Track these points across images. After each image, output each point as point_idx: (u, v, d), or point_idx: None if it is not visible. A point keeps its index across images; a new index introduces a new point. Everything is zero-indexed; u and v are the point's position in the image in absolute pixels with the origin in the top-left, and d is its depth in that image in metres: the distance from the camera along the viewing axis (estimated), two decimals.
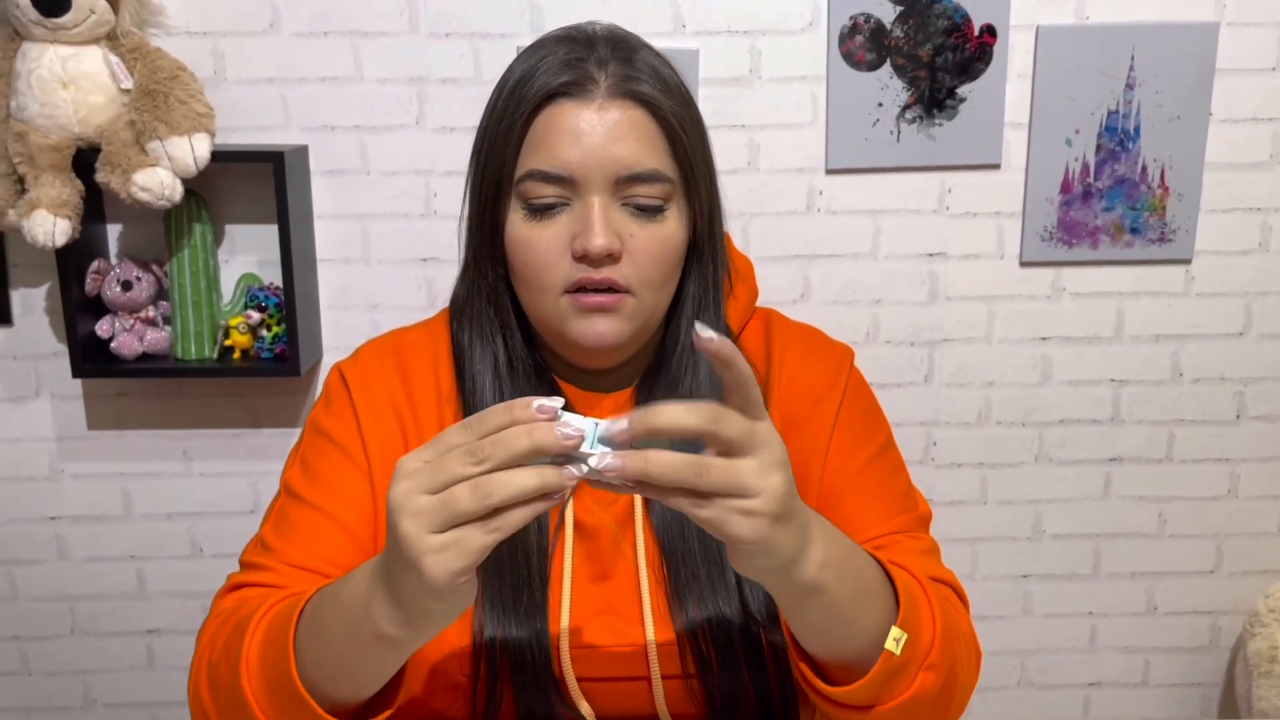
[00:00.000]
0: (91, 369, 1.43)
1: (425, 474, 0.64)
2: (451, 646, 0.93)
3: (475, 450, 0.62)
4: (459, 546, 0.63)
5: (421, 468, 0.65)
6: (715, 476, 0.64)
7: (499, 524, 0.63)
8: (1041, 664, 1.70)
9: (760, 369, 1.03)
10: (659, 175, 0.92)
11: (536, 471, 0.63)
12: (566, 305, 0.92)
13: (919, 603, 0.82)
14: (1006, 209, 1.53)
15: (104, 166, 1.32)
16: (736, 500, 0.65)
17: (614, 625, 0.94)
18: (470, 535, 0.63)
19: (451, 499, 0.62)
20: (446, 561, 0.63)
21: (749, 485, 0.64)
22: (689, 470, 0.64)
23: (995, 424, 1.61)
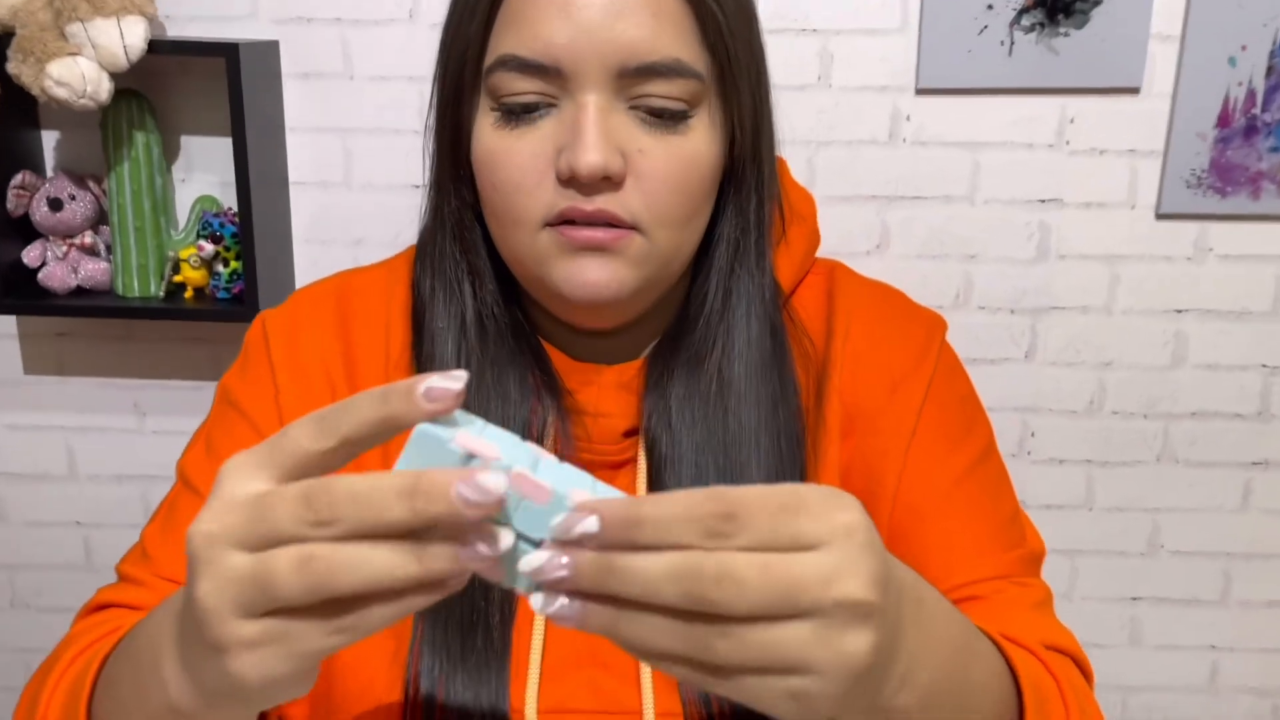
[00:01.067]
0: (13, 304, 1.20)
1: (244, 513, 0.42)
2: (376, 705, 0.70)
3: (313, 500, 0.41)
4: (283, 646, 0.42)
5: (245, 499, 0.42)
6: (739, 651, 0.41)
7: (349, 625, 0.42)
8: (1148, 703, 1.44)
9: (818, 342, 0.79)
10: (681, 67, 0.66)
11: (412, 553, 0.41)
12: (548, 242, 0.68)
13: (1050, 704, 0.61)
14: (1144, 146, 1.25)
15: (15, 54, 1.09)
16: (775, 680, 0.42)
17: (600, 682, 0.71)
18: (302, 633, 0.42)
19: (268, 575, 0.41)
20: (261, 663, 0.42)
21: (798, 661, 0.41)
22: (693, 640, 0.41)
23: (1110, 414, 1.33)
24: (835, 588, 0.41)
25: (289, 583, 0.41)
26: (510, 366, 0.75)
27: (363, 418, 0.43)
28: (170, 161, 1.26)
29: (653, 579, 0.40)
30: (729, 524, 0.41)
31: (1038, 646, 0.65)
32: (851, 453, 0.76)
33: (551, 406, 0.75)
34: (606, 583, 0.41)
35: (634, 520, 0.41)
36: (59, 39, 1.08)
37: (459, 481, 0.40)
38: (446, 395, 0.42)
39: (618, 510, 0.41)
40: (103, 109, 1.13)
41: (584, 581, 0.41)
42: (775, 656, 0.41)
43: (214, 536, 0.42)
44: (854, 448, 0.76)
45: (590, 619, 0.42)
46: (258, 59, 1.17)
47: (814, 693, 0.42)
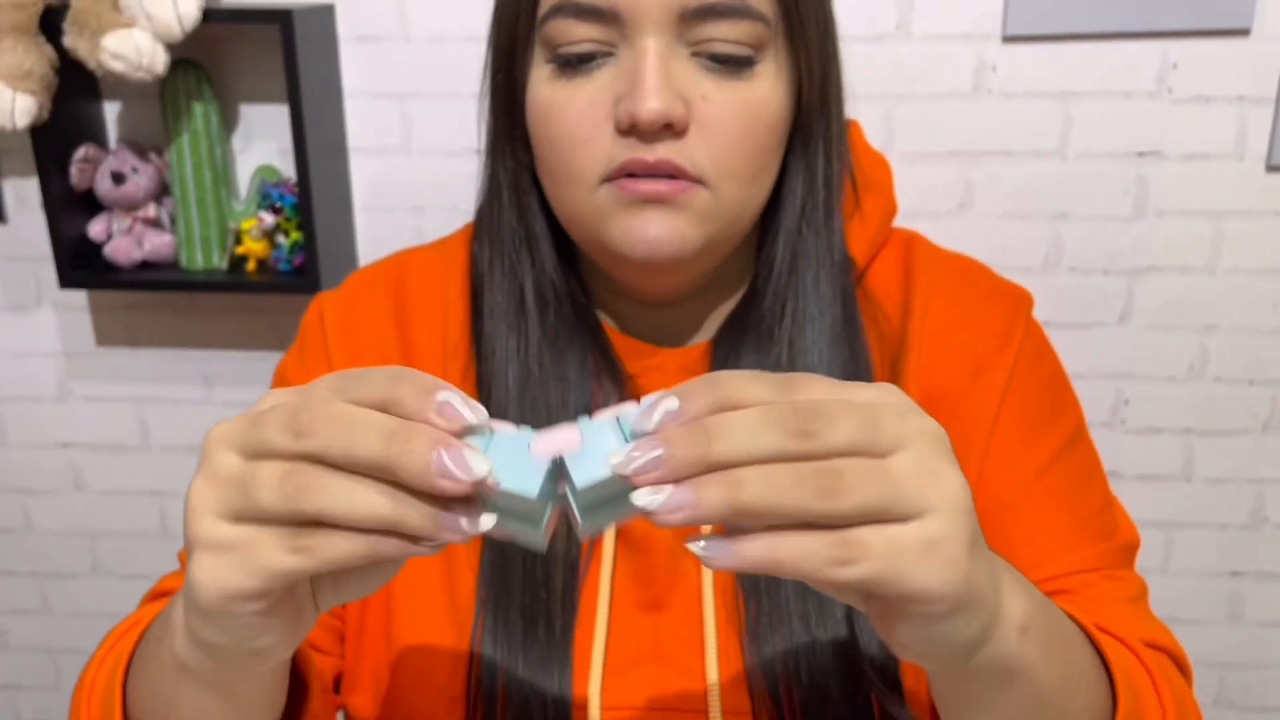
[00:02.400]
0: (81, 278, 1.20)
1: (247, 420, 0.42)
2: (438, 695, 0.69)
3: (299, 412, 0.40)
4: (242, 554, 0.41)
5: (257, 415, 0.42)
6: (859, 487, 0.39)
7: (309, 545, 0.40)
8: (1247, 681, 1.37)
9: (895, 319, 0.75)
10: (747, 9, 0.62)
11: (391, 497, 0.39)
12: (607, 198, 0.65)
13: (1146, 703, 0.56)
14: (1254, 92, 1.15)
15: (71, 28, 1.07)
16: (905, 530, 0.40)
17: (664, 679, 0.68)
18: (264, 545, 0.41)
19: (250, 478, 0.41)
20: (218, 570, 0.41)
21: (916, 495, 0.40)
22: (811, 486, 0.39)
23: (1212, 380, 1.25)
24: (910, 420, 0.41)
25: (268, 489, 0.40)
26: (570, 348, 0.71)
27: (370, 396, 0.41)
28: (229, 131, 1.24)
29: (751, 424, 0.39)
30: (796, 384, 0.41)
31: (1144, 653, 0.60)
32: None
33: (613, 391, 0.71)
34: (710, 446, 0.38)
35: (712, 380, 0.40)
36: (113, 11, 1.06)
37: (442, 447, 0.38)
38: (457, 418, 0.40)
39: (694, 382, 0.40)
40: (160, 80, 1.11)
41: (685, 450, 0.38)
42: (893, 490, 0.39)
43: (219, 437, 0.42)
44: None
45: (705, 494, 0.38)
46: (313, 23, 1.14)
47: (944, 535, 0.40)
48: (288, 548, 0.40)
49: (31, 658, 1.49)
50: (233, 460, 0.41)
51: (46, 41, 1.11)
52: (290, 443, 0.39)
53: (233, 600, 0.41)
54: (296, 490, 0.39)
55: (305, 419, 0.39)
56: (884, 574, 0.39)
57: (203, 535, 0.41)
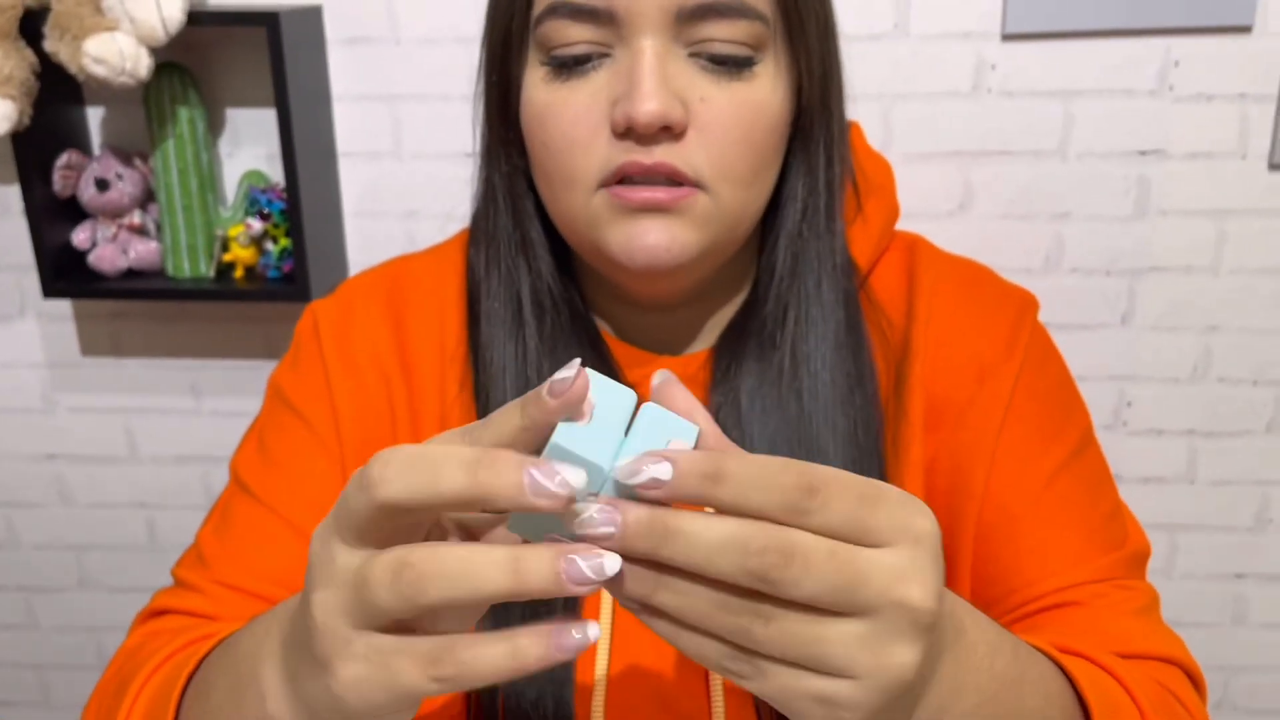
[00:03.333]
0: (65, 287, 1.18)
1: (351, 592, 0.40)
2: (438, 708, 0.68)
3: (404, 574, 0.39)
4: (383, 671, 0.39)
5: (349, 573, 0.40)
6: (780, 641, 0.38)
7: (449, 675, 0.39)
8: (1252, 684, 1.35)
9: (898, 324, 0.73)
10: (745, 8, 0.61)
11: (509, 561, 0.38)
12: (603, 204, 0.63)
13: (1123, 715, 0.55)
14: (1256, 89, 1.13)
15: (52, 31, 1.04)
16: (809, 679, 0.39)
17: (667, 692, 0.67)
18: (401, 666, 0.39)
19: (363, 580, 0.39)
20: (361, 681, 0.40)
21: (843, 663, 0.38)
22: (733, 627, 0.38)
23: (1216, 380, 1.23)
24: (898, 589, 0.38)
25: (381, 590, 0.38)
26: (567, 355, 0.70)
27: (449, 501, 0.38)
28: (215, 135, 1.21)
29: (715, 546, 0.37)
30: (810, 499, 0.37)
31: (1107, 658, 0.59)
32: (936, 448, 0.69)
33: None
34: (659, 547, 0.37)
35: (714, 474, 0.37)
36: (95, 13, 1.03)
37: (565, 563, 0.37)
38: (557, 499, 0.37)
39: (697, 461, 0.37)
40: (144, 85, 1.08)
41: (634, 541, 0.37)
42: (818, 651, 0.38)
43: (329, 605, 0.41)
44: (939, 442, 0.69)
45: (628, 580, 0.38)
46: (300, 26, 1.11)
47: (844, 700, 0.39)
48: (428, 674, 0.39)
49: (17, 673, 1.47)
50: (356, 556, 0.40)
51: (27, 45, 1.08)
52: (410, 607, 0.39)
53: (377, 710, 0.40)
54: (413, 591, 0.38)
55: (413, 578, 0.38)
56: (772, 698, 0.39)
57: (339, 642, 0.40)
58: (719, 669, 0.39)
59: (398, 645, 0.39)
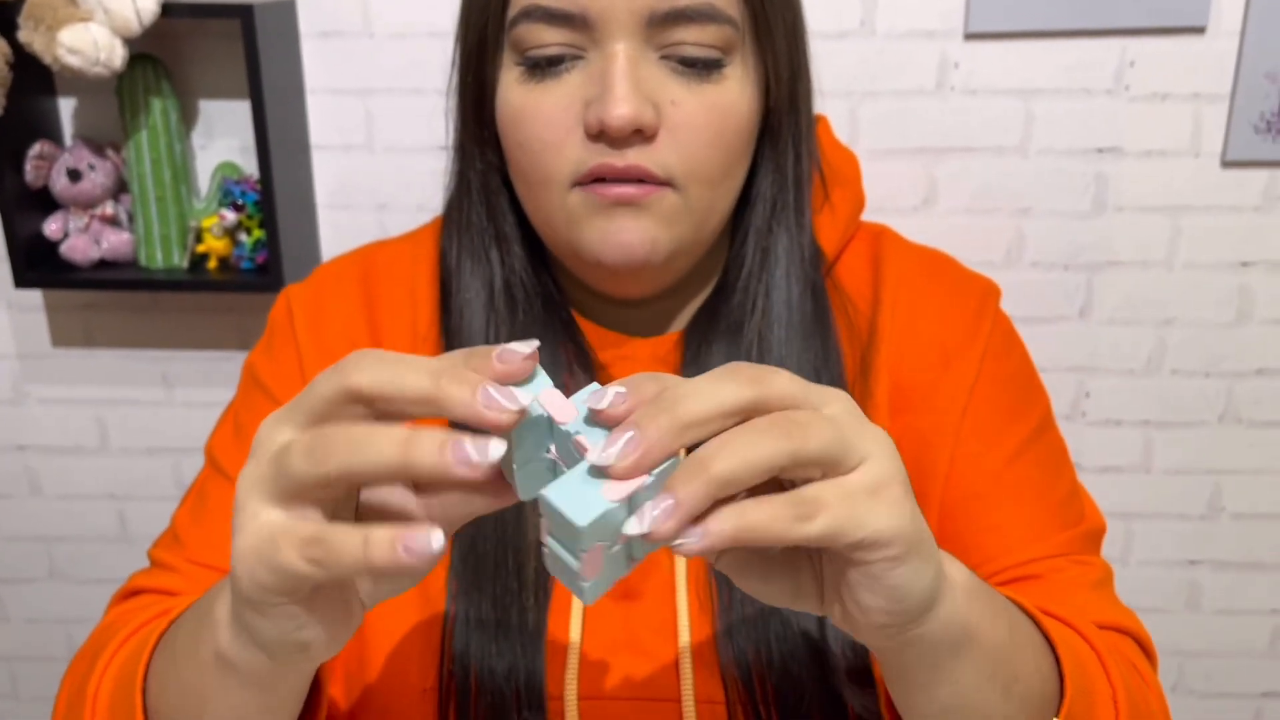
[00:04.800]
0: (37, 277, 1.18)
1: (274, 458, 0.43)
2: (411, 688, 0.69)
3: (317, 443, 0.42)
4: (269, 545, 0.42)
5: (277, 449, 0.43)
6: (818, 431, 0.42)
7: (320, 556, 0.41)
8: (1207, 668, 1.39)
9: (865, 311, 0.75)
10: (714, 13, 0.63)
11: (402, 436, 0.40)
12: (578, 202, 0.65)
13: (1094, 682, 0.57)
14: (1209, 89, 1.16)
15: (26, 22, 1.05)
16: (851, 479, 0.42)
17: (638, 668, 0.68)
18: (283, 543, 0.41)
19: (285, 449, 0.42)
20: (249, 553, 0.42)
21: (855, 439, 0.43)
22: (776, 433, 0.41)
23: (1170, 373, 1.26)
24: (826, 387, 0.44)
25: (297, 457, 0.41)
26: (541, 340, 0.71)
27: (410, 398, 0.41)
28: (189, 127, 1.22)
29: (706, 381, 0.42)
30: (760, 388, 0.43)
31: (1080, 621, 0.61)
32: (902, 430, 0.72)
33: (584, 381, 0.71)
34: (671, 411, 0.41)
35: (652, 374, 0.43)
36: (69, 5, 1.04)
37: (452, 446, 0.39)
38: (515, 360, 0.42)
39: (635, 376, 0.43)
40: (117, 76, 1.09)
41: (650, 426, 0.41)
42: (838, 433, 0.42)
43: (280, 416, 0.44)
44: (905, 425, 0.72)
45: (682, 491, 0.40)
46: (274, 19, 1.12)
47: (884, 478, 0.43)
48: (304, 557, 0.41)
49: None
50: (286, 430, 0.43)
51: (1, 36, 1.08)
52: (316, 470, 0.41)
53: (265, 591, 0.42)
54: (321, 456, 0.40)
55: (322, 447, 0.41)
56: (843, 524, 0.41)
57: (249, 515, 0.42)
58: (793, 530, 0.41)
59: (285, 523, 0.41)
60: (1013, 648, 0.51)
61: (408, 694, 0.68)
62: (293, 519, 0.42)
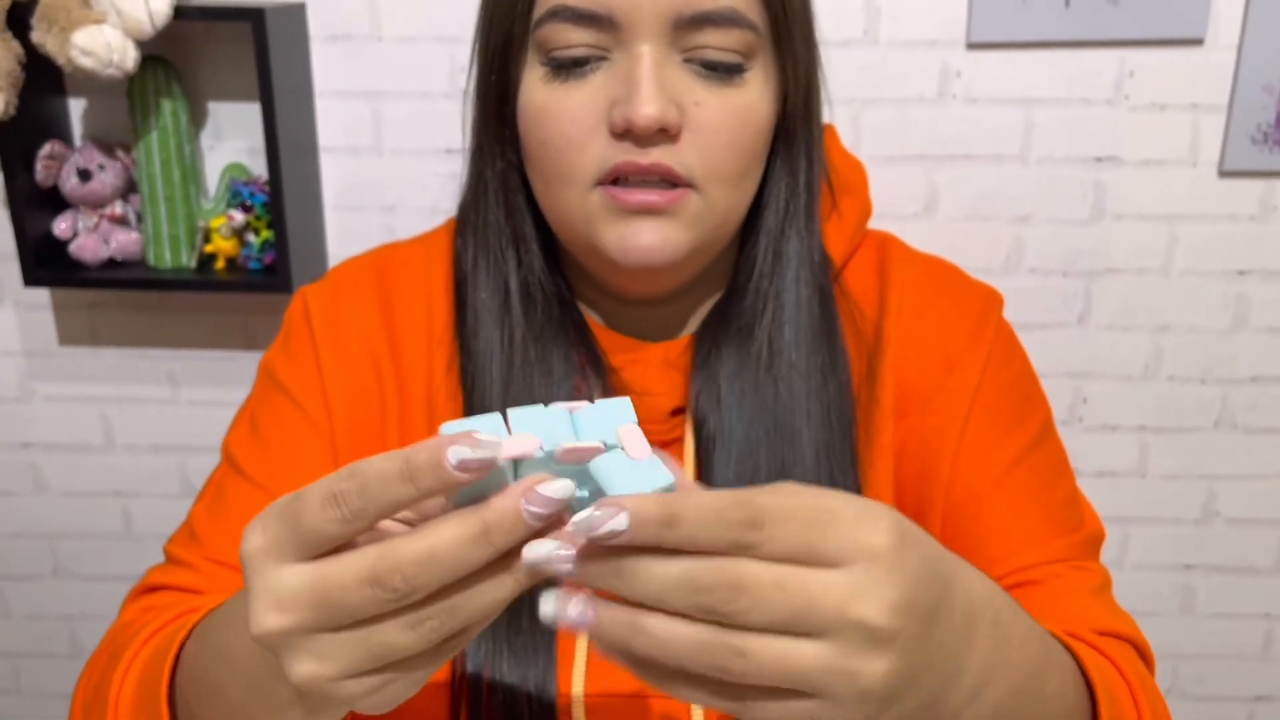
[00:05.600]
0: (46, 276, 1.19)
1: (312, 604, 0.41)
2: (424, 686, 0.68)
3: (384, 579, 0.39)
4: (405, 680, 0.43)
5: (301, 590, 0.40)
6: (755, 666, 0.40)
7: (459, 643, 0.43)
8: (1200, 672, 1.40)
9: (871, 317, 0.76)
10: (738, 18, 0.64)
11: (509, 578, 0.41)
12: (599, 203, 0.66)
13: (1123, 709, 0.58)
14: (1207, 100, 1.18)
15: (40, 23, 1.05)
16: (792, 702, 0.41)
17: None
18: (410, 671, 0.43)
19: (384, 646, 0.41)
20: (388, 695, 0.43)
21: (820, 684, 0.40)
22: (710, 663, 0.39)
23: (1166, 379, 1.28)
24: (852, 609, 0.39)
25: (405, 643, 0.41)
26: (554, 343, 0.72)
27: (392, 499, 0.40)
28: (198, 129, 1.23)
29: (668, 585, 0.39)
30: (754, 533, 0.39)
31: (1099, 639, 0.62)
32: (906, 434, 0.73)
33: (596, 385, 0.72)
34: (615, 585, 0.39)
35: (669, 519, 0.38)
36: (83, 6, 1.05)
37: (525, 504, 0.39)
38: (483, 466, 0.39)
39: (653, 508, 0.38)
40: (128, 77, 1.10)
41: (591, 578, 0.39)
42: (789, 674, 0.39)
43: (286, 633, 0.41)
44: (908, 429, 0.73)
45: (605, 625, 0.39)
46: (284, 22, 1.13)
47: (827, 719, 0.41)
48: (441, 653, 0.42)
49: None
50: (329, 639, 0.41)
51: (13, 37, 1.09)
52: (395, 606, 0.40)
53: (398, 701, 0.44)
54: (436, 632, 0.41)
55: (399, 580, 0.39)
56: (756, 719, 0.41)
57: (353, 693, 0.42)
58: (711, 706, 0.41)
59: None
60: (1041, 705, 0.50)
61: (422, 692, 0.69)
62: None
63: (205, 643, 0.55)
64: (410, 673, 0.42)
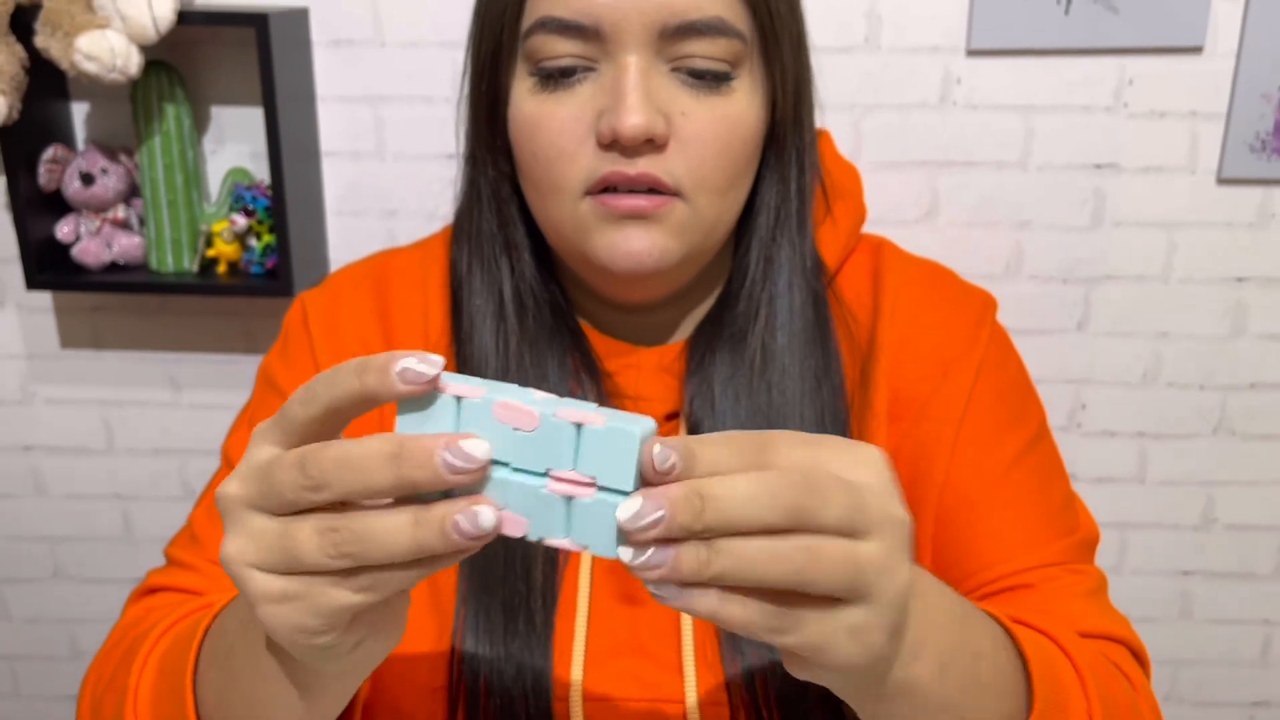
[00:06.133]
0: (48, 280, 1.19)
1: (257, 478, 0.44)
2: (421, 688, 0.70)
3: (307, 466, 0.42)
4: (306, 602, 0.44)
5: (259, 465, 0.44)
6: (832, 572, 0.42)
7: (370, 584, 0.43)
8: (1199, 677, 1.40)
9: (865, 322, 0.77)
10: (724, 27, 0.64)
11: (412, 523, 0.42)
12: (589, 211, 0.67)
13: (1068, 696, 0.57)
14: (1206, 108, 1.18)
15: (44, 28, 1.06)
16: (840, 613, 0.42)
17: (643, 671, 0.70)
18: (324, 592, 0.43)
19: (292, 542, 0.43)
20: (287, 616, 0.44)
21: (872, 583, 0.43)
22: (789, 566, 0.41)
23: (1165, 385, 1.28)
24: (888, 506, 0.43)
25: (311, 548, 0.42)
26: (549, 348, 0.73)
27: (341, 390, 0.42)
28: (201, 133, 1.23)
29: (748, 496, 0.40)
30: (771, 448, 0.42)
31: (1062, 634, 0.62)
32: (900, 438, 0.73)
33: (591, 389, 0.73)
34: (703, 513, 0.40)
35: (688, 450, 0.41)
36: (87, 11, 1.05)
37: (443, 448, 0.40)
38: (420, 379, 0.41)
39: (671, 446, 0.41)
40: (131, 81, 1.10)
41: (681, 515, 0.40)
42: (855, 572, 0.41)
43: (236, 499, 0.44)
44: (902, 433, 0.73)
45: (683, 562, 0.40)
46: (287, 27, 1.14)
47: (872, 623, 0.43)
48: (351, 587, 0.43)
49: None
50: (261, 521, 0.43)
51: (17, 41, 1.10)
52: (312, 497, 0.42)
53: (311, 635, 0.44)
54: (337, 547, 0.42)
55: (316, 472, 0.41)
56: (806, 647, 0.43)
57: (259, 590, 0.44)
58: (761, 629, 0.41)
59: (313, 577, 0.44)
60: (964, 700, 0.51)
61: (418, 693, 0.70)
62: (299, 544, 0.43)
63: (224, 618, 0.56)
64: (319, 596, 0.43)
